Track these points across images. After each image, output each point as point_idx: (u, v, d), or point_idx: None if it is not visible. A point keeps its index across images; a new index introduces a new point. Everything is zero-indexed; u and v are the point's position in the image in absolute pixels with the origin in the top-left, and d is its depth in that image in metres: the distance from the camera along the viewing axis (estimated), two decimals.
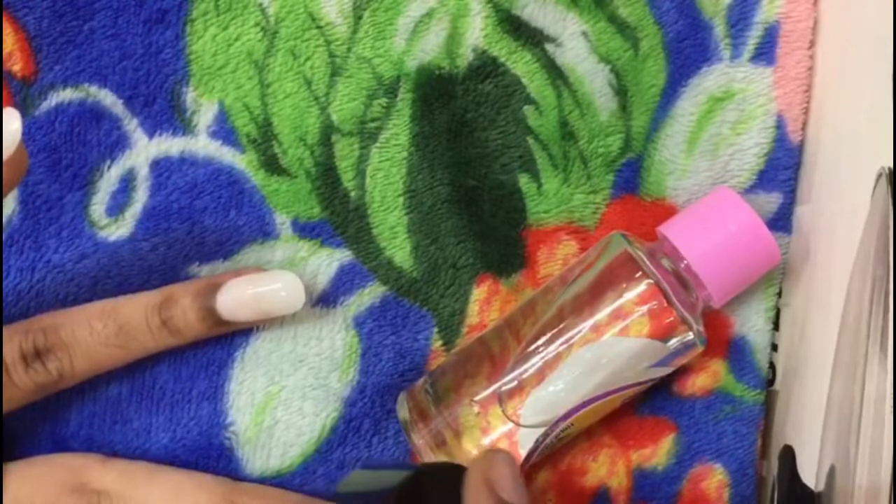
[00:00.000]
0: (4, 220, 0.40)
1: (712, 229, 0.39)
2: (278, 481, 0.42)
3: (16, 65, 0.40)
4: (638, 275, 0.39)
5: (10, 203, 0.40)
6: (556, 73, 0.43)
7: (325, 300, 0.42)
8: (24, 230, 0.40)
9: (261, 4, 0.41)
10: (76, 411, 0.41)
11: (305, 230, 0.42)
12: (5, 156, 0.33)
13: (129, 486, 0.38)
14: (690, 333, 0.39)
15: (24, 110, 0.40)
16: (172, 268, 0.41)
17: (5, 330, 0.38)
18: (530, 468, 0.41)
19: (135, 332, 0.38)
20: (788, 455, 0.41)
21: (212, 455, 0.41)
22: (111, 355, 0.38)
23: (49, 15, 0.40)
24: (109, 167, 0.41)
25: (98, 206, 0.41)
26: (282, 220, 0.42)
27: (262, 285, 0.39)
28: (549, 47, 0.42)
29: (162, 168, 0.41)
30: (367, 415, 0.42)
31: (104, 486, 0.38)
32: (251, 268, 0.41)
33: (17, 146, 0.33)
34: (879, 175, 0.36)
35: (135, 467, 0.40)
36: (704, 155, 0.43)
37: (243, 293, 0.38)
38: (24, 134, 0.39)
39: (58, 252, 0.40)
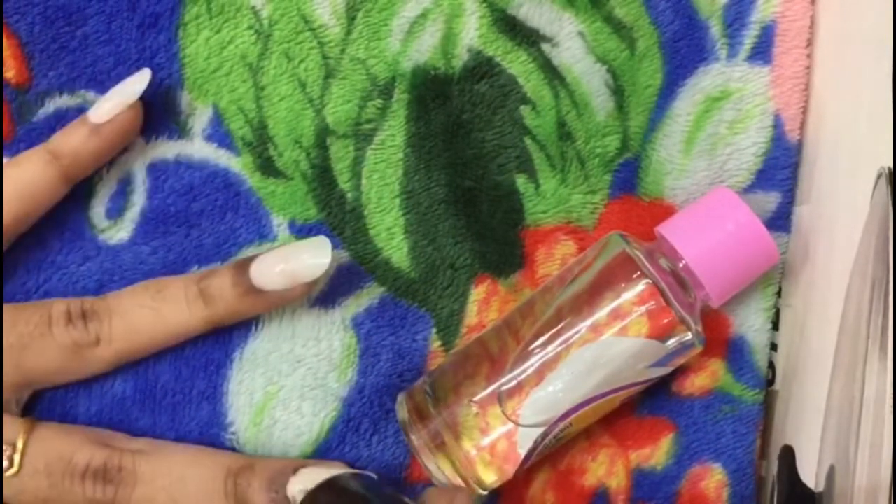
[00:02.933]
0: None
1: (711, 229, 0.39)
2: None
3: (9, 72, 0.40)
4: (636, 275, 0.39)
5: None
6: (552, 73, 0.42)
7: (323, 301, 0.42)
8: (28, 230, 0.40)
9: (254, 7, 0.41)
10: (84, 409, 0.41)
11: (303, 231, 0.42)
12: (124, 106, 0.39)
13: (154, 448, 0.39)
14: (689, 333, 0.39)
15: (22, 117, 0.40)
16: (173, 271, 0.41)
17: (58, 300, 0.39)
18: (529, 468, 0.41)
19: (172, 298, 0.39)
20: (788, 455, 0.41)
21: None
22: (147, 320, 0.39)
23: (41, 21, 0.40)
24: (108, 170, 0.41)
25: (98, 209, 0.41)
26: (279, 222, 0.42)
27: (292, 252, 0.39)
28: (546, 47, 0.42)
29: (158, 171, 0.41)
30: (365, 415, 0.42)
31: (130, 448, 0.39)
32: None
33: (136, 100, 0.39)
34: (879, 175, 0.36)
35: (160, 440, 0.40)
36: (702, 155, 0.43)
37: (274, 260, 0.39)
38: (24, 141, 0.40)
39: (62, 253, 0.41)
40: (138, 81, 0.39)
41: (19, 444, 0.37)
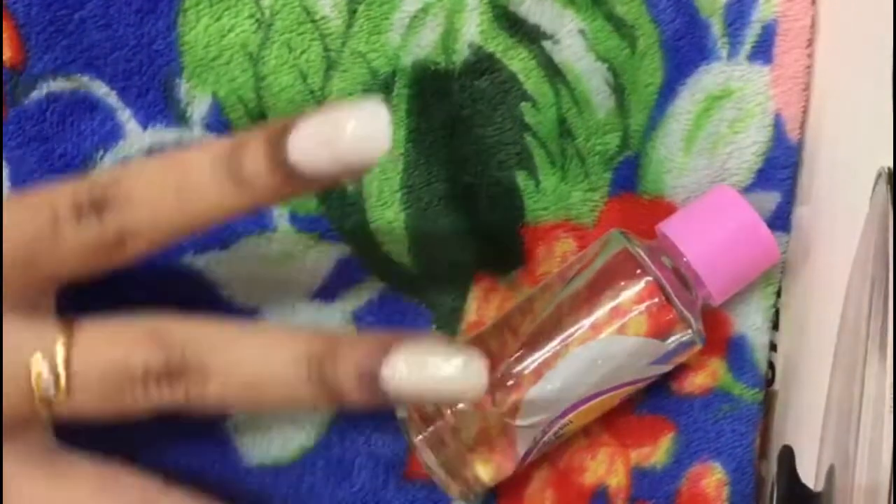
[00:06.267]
0: None
1: (712, 227, 0.39)
2: (278, 471, 0.42)
3: (6, 53, 0.39)
4: (637, 272, 0.39)
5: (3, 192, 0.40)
6: (553, 70, 0.42)
7: (323, 295, 0.42)
8: None
9: None
10: None
11: (304, 224, 0.41)
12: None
13: (218, 337, 0.34)
14: (689, 331, 0.39)
15: (14, 100, 0.39)
16: (166, 257, 0.40)
17: (62, 184, 0.33)
18: (528, 466, 0.41)
19: (200, 189, 0.32)
20: (788, 455, 0.41)
21: (210, 442, 0.41)
22: (174, 215, 0.33)
23: (38, 3, 0.39)
24: (102, 157, 0.40)
25: None
26: (279, 213, 0.41)
27: (338, 123, 0.31)
28: (546, 44, 0.42)
29: None
30: (366, 410, 0.41)
31: (193, 336, 0.34)
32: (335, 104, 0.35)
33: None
34: (879, 175, 0.36)
35: (223, 323, 0.35)
36: (702, 153, 0.43)
37: (314, 131, 0.32)
38: (12, 124, 0.39)
39: None
40: None
41: (59, 357, 0.32)
